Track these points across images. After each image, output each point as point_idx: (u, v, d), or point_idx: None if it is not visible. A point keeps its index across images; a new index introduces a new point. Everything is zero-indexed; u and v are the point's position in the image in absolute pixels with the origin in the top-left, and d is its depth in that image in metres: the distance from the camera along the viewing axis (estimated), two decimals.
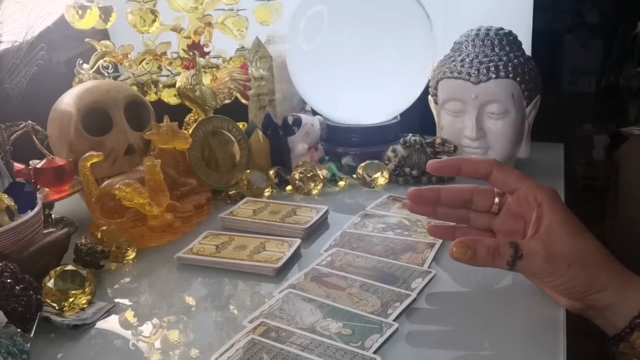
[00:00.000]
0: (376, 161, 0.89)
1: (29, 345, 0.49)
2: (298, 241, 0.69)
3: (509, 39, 0.89)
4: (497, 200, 0.55)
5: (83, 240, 0.67)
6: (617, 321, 0.48)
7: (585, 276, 0.47)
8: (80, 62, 0.93)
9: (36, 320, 0.53)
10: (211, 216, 0.82)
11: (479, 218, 0.57)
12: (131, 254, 0.69)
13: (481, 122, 0.87)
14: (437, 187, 0.57)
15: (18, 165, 0.80)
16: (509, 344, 0.50)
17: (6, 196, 0.62)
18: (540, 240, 0.48)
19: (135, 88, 0.96)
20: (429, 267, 0.63)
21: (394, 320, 0.53)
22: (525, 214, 0.51)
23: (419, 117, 1.02)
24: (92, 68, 0.93)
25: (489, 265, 0.48)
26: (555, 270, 0.47)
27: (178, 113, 0.91)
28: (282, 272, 0.64)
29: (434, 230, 0.60)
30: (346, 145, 1.00)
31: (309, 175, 0.86)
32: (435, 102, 0.95)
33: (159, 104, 0.99)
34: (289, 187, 0.89)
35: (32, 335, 0.52)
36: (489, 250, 0.47)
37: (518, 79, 0.86)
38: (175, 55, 0.99)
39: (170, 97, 1.02)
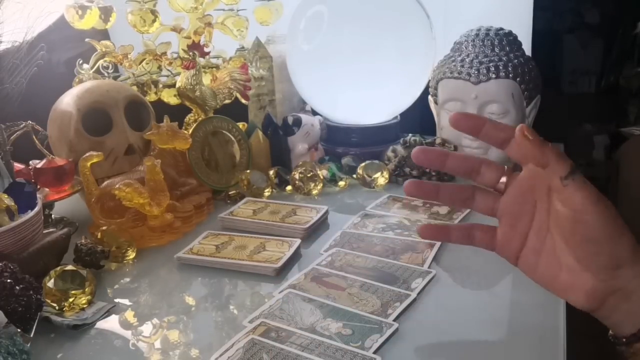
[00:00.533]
0: (376, 161, 0.89)
1: (29, 345, 0.49)
2: (298, 241, 0.69)
3: (509, 39, 0.89)
4: (504, 179, 0.50)
5: (83, 240, 0.67)
6: (632, 318, 0.45)
7: (626, 236, 0.45)
8: (80, 62, 0.93)
9: (36, 320, 0.53)
10: (211, 216, 0.81)
11: (484, 199, 0.51)
12: (131, 254, 0.69)
13: None
14: (445, 152, 0.52)
15: (18, 165, 0.80)
16: (509, 344, 0.50)
17: (6, 196, 0.62)
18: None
19: (135, 88, 0.96)
20: (429, 267, 0.63)
21: (394, 320, 0.53)
22: (541, 189, 0.48)
23: (419, 117, 1.02)
24: (92, 68, 0.93)
25: (547, 163, 0.45)
26: (605, 205, 0.44)
27: (178, 113, 0.91)
28: (282, 272, 0.64)
29: (425, 231, 0.52)
30: (346, 145, 1.00)
31: (309, 175, 0.86)
32: (435, 102, 0.95)
33: (159, 104, 0.99)
34: (289, 187, 0.89)
35: (32, 335, 0.52)
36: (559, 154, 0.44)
37: (518, 79, 0.86)
38: (175, 55, 0.99)
39: (170, 97, 1.02)
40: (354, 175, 0.89)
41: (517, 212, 0.49)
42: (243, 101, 0.98)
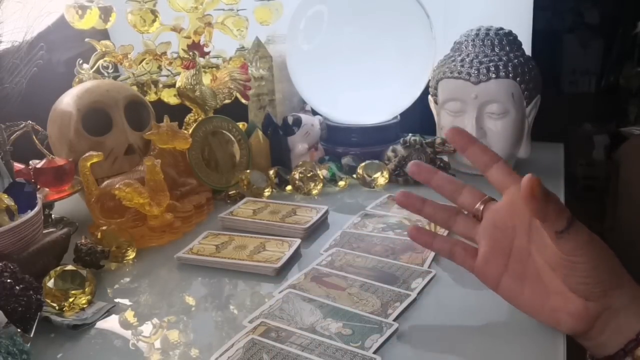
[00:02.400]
0: (376, 161, 0.89)
1: (29, 345, 0.49)
2: (298, 241, 0.69)
3: (509, 39, 0.89)
4: (480, 206, 0.52)
5: (83, 240, 0.67)
6: (610, 343, 0.46)
7: (613, 262, 0.46)
8: (80, 62, 0.93)
9: (36, 320, 0.53)
10: (211, 216, 0.82)
11: (464, 222, 0.53)
12: (131, 254, 0.69)
13: (481, 122, 0.87)
14: (431, 170, 0.54)
15: (18, 165, 0.80)
16: (509, 344, 0.50)
17: (6, 196, 0.62)
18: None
19: (135, 88, 0.96)
20: (429, 267, 0.63)
21: (394, 320, 0.53)
22: (520, 216, 0.49)
23: (419, 117, 1.02)
24: (92, 68, 0.93)
25: (545, 219, 0.43)
26: (594, 248, 0.44)
27: (178, 113, 0.91)
28: (282, 272, 0.64)
29: (413, 232, 0.55)
30: (346, 145, 1.00)
31: (309, 175, 0.86)
32: (435, 102, 0.95)
33: (159, 104, 0.99)
34: (289, 187, 0.89)
35: (32, 335, 0.52)
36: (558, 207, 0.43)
37: (518, 79, 0.86)
38: (175, 55, 0.99)
39: (170, 97, 1.02)
40: (354, 175, 0.89)
41: (495, 237, 0.50)
42: (243, 101, 0.98)
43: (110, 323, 0.57)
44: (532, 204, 0.42)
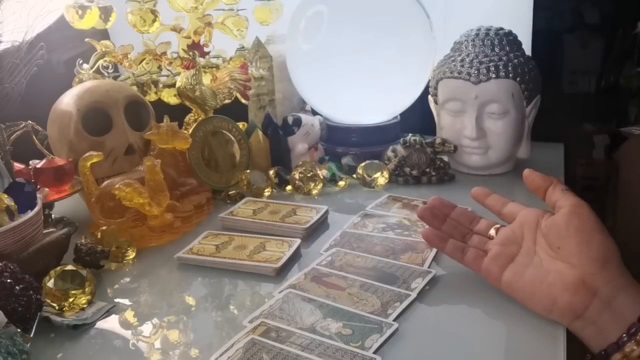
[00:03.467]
0: (376, 161, 0.89)
1: (29, 345, 0.49)
2: (298, 241, 0.69)
3: (509, 39, 0.89)
4: (493, 231, 0.59)
5: (83, 240, 0.67)
6: (611, 327, 0.47)
7: (610, 239, 0.50)
8: (80, 62, 0.93)
9: (36, 320, 0.53)
10: (211, 216, 0.81)
11: (477, 239, 0.60)
12: (131, 254, 0.69)
13: (481, 122, 0.87)
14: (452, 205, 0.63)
15: (18, 165, 0.80)
16: (509, 343, 0.50)
17: (6, 196, 0.62)
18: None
19: (135, 88, 0.96)
20: (429, 267, 0.63)
21: (394, 320, 0.53)
22: (529, 227, 0.56)
23: (419, 117, 1.02)
24: (92, 68, 0.93)
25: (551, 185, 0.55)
26: (591, 211, 0.51)
27: (178, 113, 0.91)
28: (282, 272, 0.64)
29: (428, 234, 0.61)
30: (346, 145, 1.00)
31: (309, 175, 0.86)
32: (435, 102, 0.95)
33: (159, 104, 0.99)
34: (289, 187, 0.89)
35: (32, 335, 0.52)
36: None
37: (518, 79, 0.86)
38: (175, 55, 0.99)
39: (170, 97, 1.02)
40: (354, 175, 0.89)
41: (505, 244, 0.56)
42: (243, 101, 0.98)
43: (110, 323, 0.57)
44: (536, 183, 0.55)
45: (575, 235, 0.50)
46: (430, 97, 0.97)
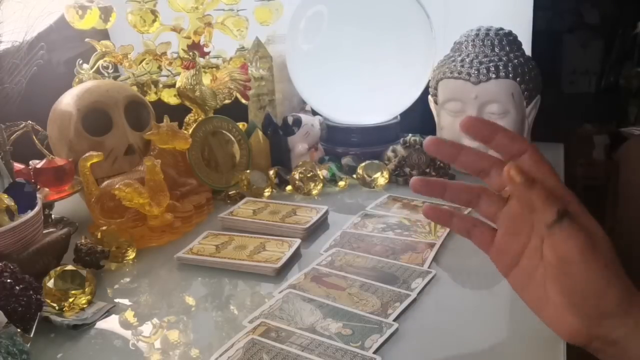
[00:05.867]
0: (376, 161, 0.89)
1: (29, 345, 0.49)
2: (298, 241, 0.69)
3: (509, 39, 0.89)
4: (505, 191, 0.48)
5: (83, 240, 0.67)
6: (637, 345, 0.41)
7: (618, 280, 0.42)
8: (80, 62, 0.93)
9: (36, 320, 0.53)
10: (211, 216, 0.81)
11: (489, 204, 0.49)
12: (131, 254, 0.69)
13: None
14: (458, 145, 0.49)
15: (18, 165, 0.80)
16: (510, 344, 0.50)
17: (6, 196, 0.62)
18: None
19: (135, 88, 0.96)
20: (429, 267, 0.63)
21: (394, 320, 0.53)
22: None
23: (419, 117, 1.02)
24: (92, 68, 0.93)
25: (531, 209, 0.41)
26: (586, 256, 0.40)
27: (178, 113, 0.91)
28: (282, 272, 0.64)
29: (430, 211, 0.50)
30: (346, 145, 1.00)
31: (309, 175, 0.86)
32: (435, 102, 0.95)
33: (159, 104, 0.99)
34: (289, 187, 0.89)
35: (32, 335, 0.52)
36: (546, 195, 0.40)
37: (518, 79, 0.86)
38: (175, 55, 0.99)
39: (170, 97, 1.02)
40: (354, 175, 0.89)
41: (514, 226, 0.47)
42: (243, 101, 0.98)
43: (110, 323, 0.57)
44: (515, 192, 0.39)
45: (567, 293, 0.42)
46: (430, 97, 0.97)
